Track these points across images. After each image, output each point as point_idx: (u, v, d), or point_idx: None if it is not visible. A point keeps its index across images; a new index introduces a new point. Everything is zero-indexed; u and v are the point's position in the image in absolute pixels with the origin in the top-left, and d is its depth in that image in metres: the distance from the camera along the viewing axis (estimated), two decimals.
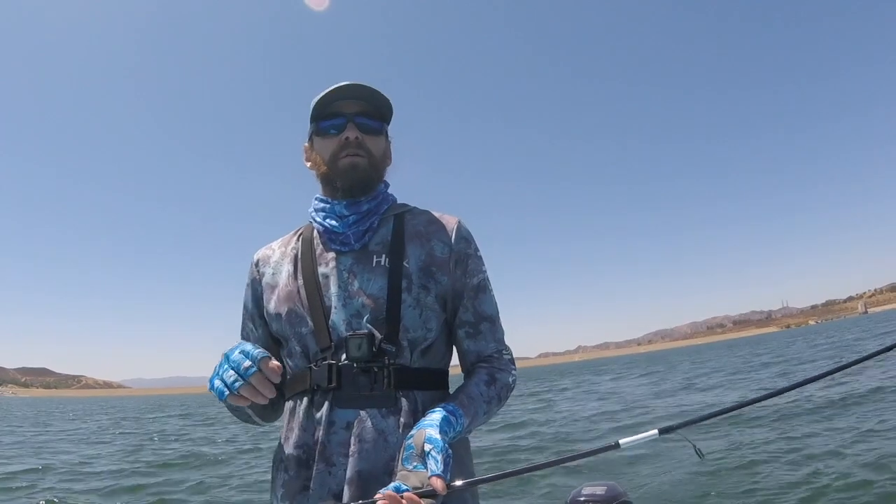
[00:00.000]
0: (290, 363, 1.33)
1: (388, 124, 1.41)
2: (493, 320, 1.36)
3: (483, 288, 1.36)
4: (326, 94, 1.32)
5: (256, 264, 1.44)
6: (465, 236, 1.37)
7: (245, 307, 1.44)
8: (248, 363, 1.06)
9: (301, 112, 1.42)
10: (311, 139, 1.40)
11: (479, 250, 1.39)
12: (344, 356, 1.22)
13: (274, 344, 1.38)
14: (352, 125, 1.32)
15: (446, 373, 1.35)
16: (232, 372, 1.07)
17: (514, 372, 1.34)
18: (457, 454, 1.19)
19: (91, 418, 30.11)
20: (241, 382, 1.05)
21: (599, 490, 2.30)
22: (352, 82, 1.33)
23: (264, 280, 1.40)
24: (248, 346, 1.09)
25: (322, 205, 1.37)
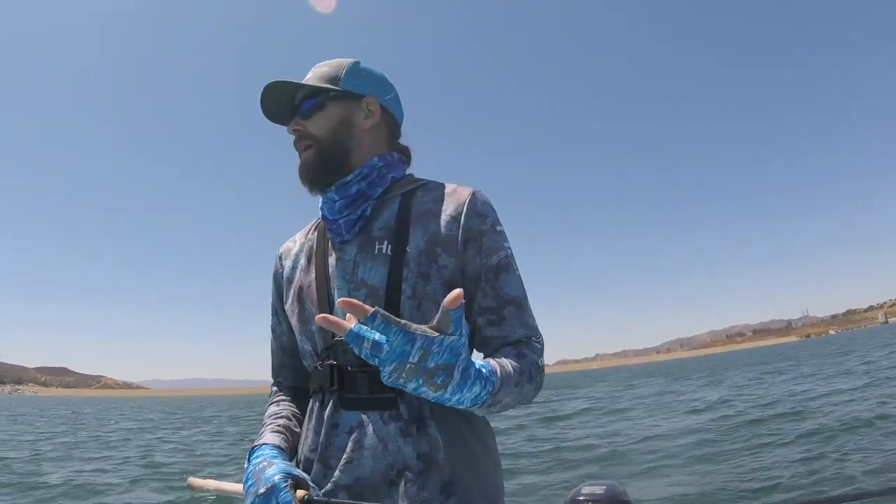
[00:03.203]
0: (304, 362, 1.26)
1: (339, 85, 1.22)
2: (519, 303, 1.14)
3: (505, 267, 1.15)
4: (262, 106, 1.25)
5: (280, 258, 1.35)
6: (477, 210, 1.17)
7: (272, 301, 1.36)
8: None
9: None
10: None
11: (498, 224, 1.18)
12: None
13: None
14: (294, 119, 1.23)
15: None
16: None
17: (542, 358, 1.14)
18: (480, 433, 1.15)
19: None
20: None
21: (599, 489, 2.24)
22: (271, 81, 1.21)
23: (284, 274, 1.31)
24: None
25: None
